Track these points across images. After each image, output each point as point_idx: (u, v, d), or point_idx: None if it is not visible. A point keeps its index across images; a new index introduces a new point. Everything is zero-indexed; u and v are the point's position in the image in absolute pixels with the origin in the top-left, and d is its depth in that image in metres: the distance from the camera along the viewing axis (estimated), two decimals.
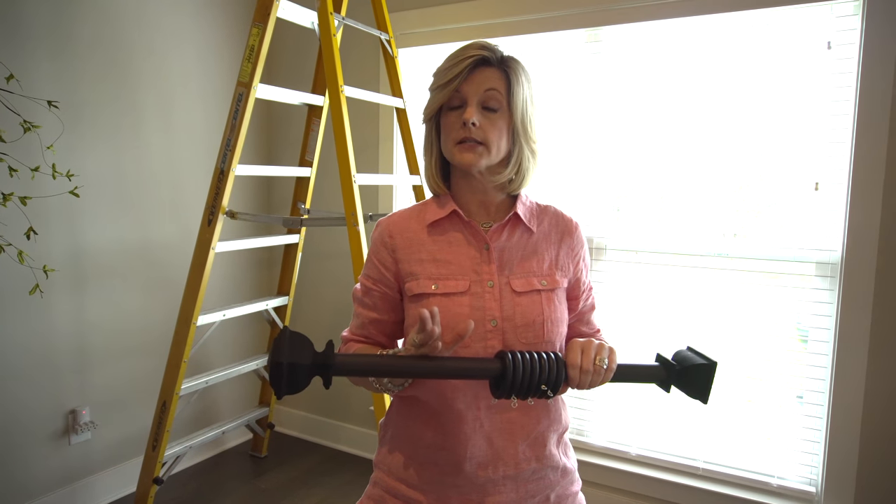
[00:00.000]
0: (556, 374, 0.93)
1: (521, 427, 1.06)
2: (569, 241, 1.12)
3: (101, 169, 2.36)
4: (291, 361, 0.86)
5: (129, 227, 2.49)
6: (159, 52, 2.54)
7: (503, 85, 1.04)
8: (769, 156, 2.06)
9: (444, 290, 1.04)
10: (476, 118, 1.01)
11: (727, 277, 2.13)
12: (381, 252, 1.10)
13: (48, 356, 2.26)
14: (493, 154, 1.04)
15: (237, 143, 2.15)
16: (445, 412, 1.05)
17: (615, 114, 2.27)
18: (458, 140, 1.02)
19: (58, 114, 2.13)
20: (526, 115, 1.06)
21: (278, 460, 2.89)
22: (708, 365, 1.00)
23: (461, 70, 1.01)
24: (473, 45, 1.04)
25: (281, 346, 0.87)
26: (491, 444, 1.04)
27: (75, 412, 2.36)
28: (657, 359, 1.04)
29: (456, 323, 1.02)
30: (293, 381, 0.87)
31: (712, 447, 2.20)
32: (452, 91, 1.03)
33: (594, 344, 0.96)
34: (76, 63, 2.26)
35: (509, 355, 0.93)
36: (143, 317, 2.57)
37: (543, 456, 1.08)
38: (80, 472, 2.41)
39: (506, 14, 2.37)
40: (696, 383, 1.00)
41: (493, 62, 1.04)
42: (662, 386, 1.02)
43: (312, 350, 0.89)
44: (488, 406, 1.04)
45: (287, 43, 2.97)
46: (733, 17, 2.04)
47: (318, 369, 0.89)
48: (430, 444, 1.07)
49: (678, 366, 1.01)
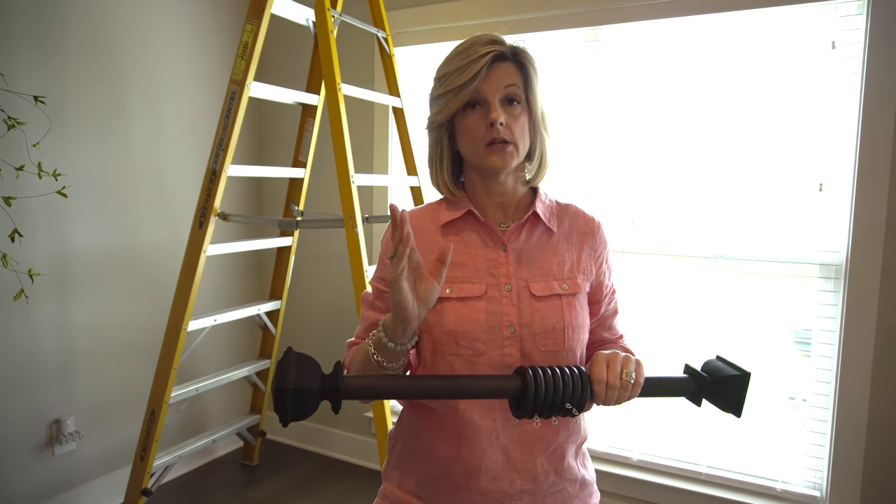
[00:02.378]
0: (580, 391, 0.87)
1: (539, 439, 1.00)
2: (591, 241, 1.07)
3: (89, 168, 2.27)
4: (297, 387, 0.79)
5: (118, 229, 2.41)
6: (150, 48, 2.46)
7: (520, 79, 1.00)
8: (773, 156, 2.04)
9: (460, 293, 0.99)
10: (503, 118, 0.96)
11: (730, 279, 2.11)
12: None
13: (31, 364, 2.17)
14: (521, 152, 1.00)
15: (230, 143, 2.08)
16: (459, 423, 0.99)
17: (615, 114, 2.24)
18: (487, 142, 0.97)
19: (45, 110, 2.05)
20: (544, 105, 1.02)
21: (270, 469, 2.82)
22: (741, 376, 0.93)
23: (479, 68, 0.95)
24: (483, 40, 0.98)
25: (286, 371, 0.79)
26: (508, 457, 0.99)
27: (59, 422, 2.27)
28: (686, 370, 0.97)
29: (473, 330, 0.97)
30: (299, 408, 0.79)
31: (715, 452, 2.17)
32: (472, 92, 0.96)
33: (620, 357, 0.90)
34: (63, 58, 2.17)
35: (530, 371, 0.86)
36: (132, 322, 2.49)
37: (562, 469, 1.03)
38: (65, 485, 2.32)
39: (504, 13, 2.33)
40: (729, 396, 0.93)
41: (507, 56, 0.99)
42: (693, 399, 0.96)
43: (320, 373, 0.82)
44: (504, 417, 0.99)
45: (280, 41, 2.91)
46: (735, 16, 2.02)
47: (327, 394, 0.82)
48: (443, 457, 1.01)
49: (709, 378, 0.94)
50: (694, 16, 2.05)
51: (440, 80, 1.00)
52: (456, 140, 1.03)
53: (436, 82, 1.01)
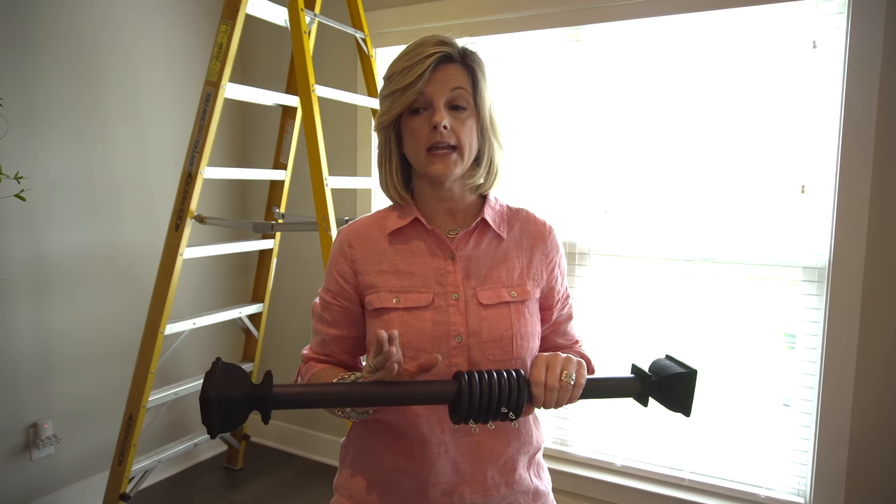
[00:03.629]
0: (517, 394, 0.84)
1: (489, 451, 0.98)
2: (542, 246, 1.04)
3: (63, 170, 2.25)
4: (222, 395, 0.77)
5: (95, 232, 2.39)
6: (125, 47, 2.44)
7: (468, 82, 0.96)
8: (754, 158, 2.01)
9: (406, 303, 0.96)
10: (447, 121, 0.93)
11: (712, 282, 2.08)
12: (341, 263, 1.02)
13: (7, 367, 2.16)
14: (466, 158, 0.97)
15: (205, 145, 2.06)
16: (408, 434, 0.97)
17: (597, 115, 2.21)
18: (428, 146, 0.94)
19: (6, 112, 2.02)
20: (493, 110, 1.00)
21: (254, 472, 2.80)
22: (687, 374, 0.90)
23: (424, 69, 0.92)
24: (430, 41, 0.95)
25: (211, 380, 0.78)
26: (457, 470, 0.97)
27: (37, 426, 2.25)
28: (633, 370, 0.95)
29: (418, 340, 0.95)
30: (226, 418, 0.78)
31: (699, 457, 2.14)
32: (416, 94, 0.93)
33: (560, 358, 0.88)
34: (34, 58, 2.15)
35: (465, 376, 0.84)
36: (110, 325, 2.47)
37: (514, 481, 1.00)
38: (43, 489, 2.30)
39: (484, 13, 2.30)
40: (676, 394, 0.91)
41: (454, 58, 0.96)
42: (639, 400, 0.94)
43: (247, 382, 0.81)
44: (453, 430, 0.97)
45: (262, 42, 2.89)
46: (716, 15, 1.99)
47: (255, 403, 0.80)
48: (392, 468, 0.99)
49: (654, 377, 0.92)
50: (675, 15, 2.02)
51: (387, 80, 0.98)
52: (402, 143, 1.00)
53: (384, 81, 0.99)
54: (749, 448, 2.07)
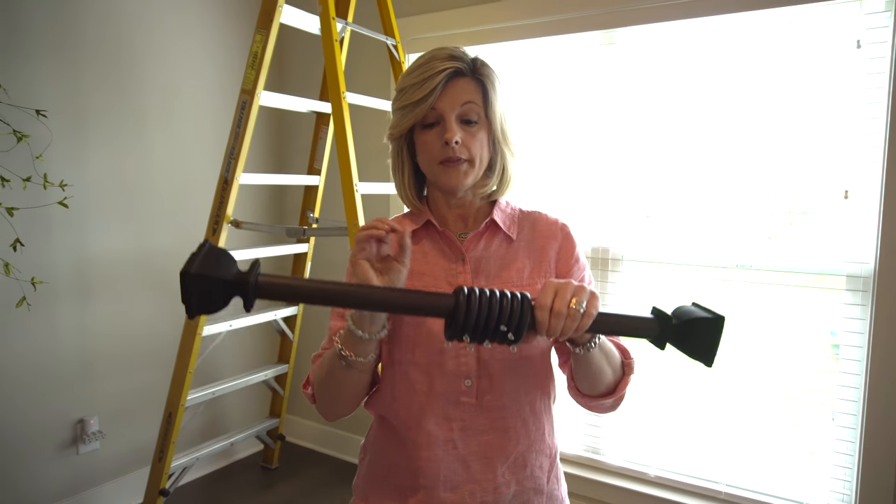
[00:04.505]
0: (519, 314, 0.78)
1: (499, 449, 0.98)
2: (554, 244, 1.04)
3: (104, 177, 2.35)
4: (202, 274, 0.73)
5: (135, 236, 2.48)
6: (162, 57, 2.52)
7: (479, 96, 0.97)
8: (795, 162, 1.94)
9: None
10: (458, 136, 0.94)
11: (752, 290, 2.01)
12: None
13: (54, 366, 2.26)
14: (477, 169, 0.98)
15: (241, 152, 2.12)
16: (416, 432, 0.99)
17: (631, 119, 2.18)
18: (440, 160, 0.96)
19: (52, 122, 2.12)
20: (504, 122, 1.00)
21: (288, 472, 2.85)
22: (713, 319, 0.81)
23: (435, 85, 0.93)
24: (441, 55, 0.96)
25: (193, 258, 0.74)
26: (467, 468, 0.98)
27: (83, 422, 2.35)
28: (652, 311, 0.87)
29: (429, 340, 0.96)
30: (204, 298, 0.74)
31: (736, 469, 2.08)
32: (428, 108, 0.95)
33: (572, 285, 0.81)
34: (76, 69, 2.25)
35: (465, 290, 0.79)
36: (151, 326, 2.56)
37: (524, 477, 1.00)
38: (89, 482, 2.40)
39: (515, 17, 2.29)
40: (698, 341, 0.82)
41: (465, 72, 0.97)
42: (656, 343, 0.85)
43: (233, 267, 0.77)
44: (462, 427, 0.98)
45: (297, 50, 2.95)
46: (755, 16, 1.93)
47: (236, 288, 0.76)
48: (402, 468, 1.01)
49: (675, 319, 0.84)
50: (712, 16, 1.96)
51: (399, 93, 0.99)
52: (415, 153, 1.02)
53: (396, 93, 1.00)
54: (789, 461, 2.00)
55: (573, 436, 2.37)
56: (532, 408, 1.01)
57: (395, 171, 1.05)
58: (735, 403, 2.07)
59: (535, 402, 1.02)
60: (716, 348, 0.82)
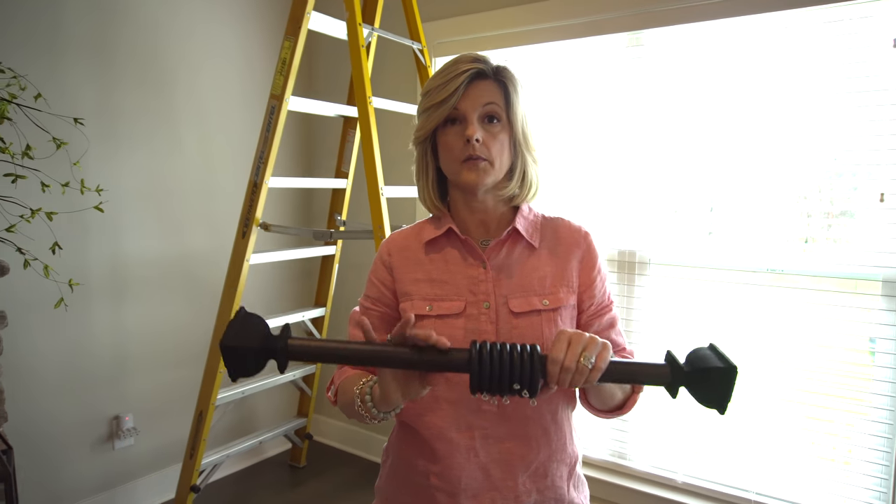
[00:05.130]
0: (530, 371, 0.80)
1: (520, 457, 0.99)
2: (576, 252, 1.04)
3: (139, 181, 2.42)
4: (238, 345, 0.82)
5: (167, 238, 2.55)
6: (194, 64, 2.59)
7: (501, 97, 0.99)
8: (828, 164, 1.89)
9: (439, 311, 1.00)
10: (479, 134, 0.96)
11: (783, 295, 1.97)
12: (380, 270, 1.07)
13: (92, 364, 2.34)
14: (497, 169, 0.99)
15: (270, 156, 2.16)
16: (438, 439, 1.00)
17: (659, 120, 2.15)
18: (462, 159, 0.98)
19: (88, 128, 2.20)
20: (526, 125, 1.01)
21: (316, 471, 2.89)
22: (725, 369, 0.81)
23: (458, 86, 0.96)
24: (464, 59, 0.99)
25: (230, 329, 0.83)
26: (488, 476, 0.98)
27: (119, 418, 2.43)
28: (666, 357, 0.88)
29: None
30: (242, 364, 0.83)
31: (766, 476, 2.04)
32: (450, 109, 0.97)
33: (584, 338, 0.81)
34: (112, 77, 2.32)
35: (477, 346, 0.82)
36: (183, 326, 2.63)
37: (545, 487, 1.01)
38: (124, 477, 2.47)
39: (541, 20, 2.29)
40: (711, 390, 0.83)
41: (488, 74, 0.99)
42: (668, 390, 0.87)
43: (265, 333, 0.85)
44: (483, 435, 0.98)
45: (326, 55, 2.99)
46: (787, 15, 1.89)
47: (269, 353, 0.84)
48: (423, 473, 1.02)
49: (688, 366, 0.84)
50: (743, 16, 1.93)
51: (424, 96, 1.02)
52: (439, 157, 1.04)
53: (421, 97, 1.03)
54: (821, 469, 1.95)
55: (598, 440, 2.35)
56: (553, 416, 1.01)
57: (419, 176, 1.07)
58: (766, 409, 2.03)
59: (556, 411, 1.02)
60: (728, 398, 0.83)
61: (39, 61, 2.10)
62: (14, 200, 1.74)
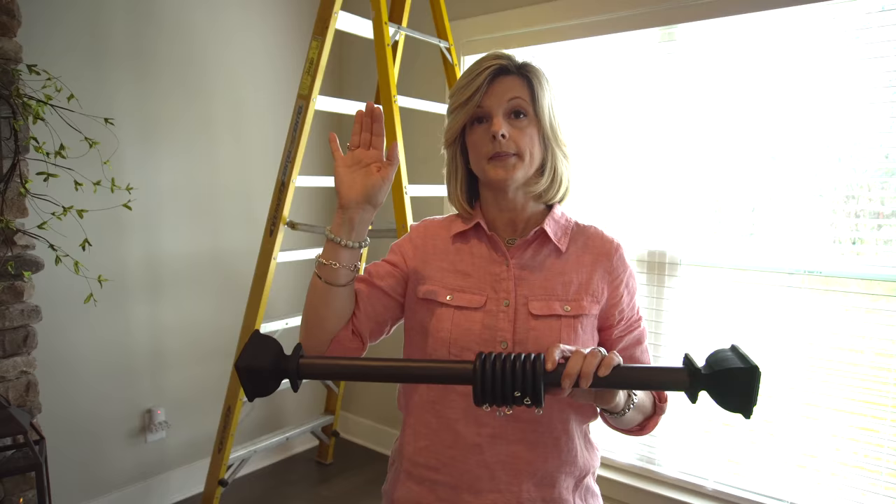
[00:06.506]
0: (532, 381, 0.78)
1: (526, 463, 0.97)
2: (606, 263, 1.01)
3: (173, 179, 2.48)
4: (251, 367, 0.85)
5: (200, 236, 2.60)
6: (229, 65, 2.64)
7: (526, 92, 0.98)
8: (866, 162, 1.81)
9: (459, 302, 0.99)
10: (505, 129, 0.95)
11: (818, 298, 1.90)
12: (406, 246, 1.08)
13: (126, 358, 2.40)
14: (526, 163, 0.98)
15: (297, 155, 2.18)
16: (445, 430, 0.99)
17: (691, 118, 2.10)
18: (489, 156, 0.97)
19: (124, 128, 2.27)
20: (554, 119, 1.00)
21: (342, 468, 2.91)
22: (747, 370, 0.76)
23: (481, 83, 0.96)
24: (488, 57, 0.99)
25: (244, 351, 0.86)
26: (492, 477, 0.97)
27: (151, 412, 2.48)
28: (684, 360, 0.84)
29: (466, 339, 0.97)
30: (257, 385, 0.86)
31: (800, 483, 1.97)
32: (475, 107, 0.97)
33: (598, 357, 0.79)
34: (149, 79, 2.38)
35: (482, 356, 0.81)
36: (214, 322, 2.67)
37: (551, 498, 0.98)
38: (156, 469, 2.53)
39: (571, 16, 2.25)
40: (732, 392, 0.78)
41: (511, 70, 0.98)
42: (688, 394, 0.82)
43: (277, 354, 0.87)
44: (492, 434, 0.97)
45: (355, 54, 3.00)
46: (828, 7, 1.82)
47: (281, 374, 0.87)
48: (429, 469, 1.01)
49: (707, 368, 0.80)
50: (782, 8, 1.86)
51: (450, 98, 1.02)
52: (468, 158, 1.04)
53: (449, 99, 1.04)
54: (857, 477, 1.88)
55: (626, 444, 2.30)
56: (565, 427, 0.99)
57: (450, 178, 1.07)
58: (802, 416, 1.96)
59: (567, 422, 0.99)
60: (753, 400, 0.77)
61: (80, 67, 2.17)
62: (47, 198, 1.79)
